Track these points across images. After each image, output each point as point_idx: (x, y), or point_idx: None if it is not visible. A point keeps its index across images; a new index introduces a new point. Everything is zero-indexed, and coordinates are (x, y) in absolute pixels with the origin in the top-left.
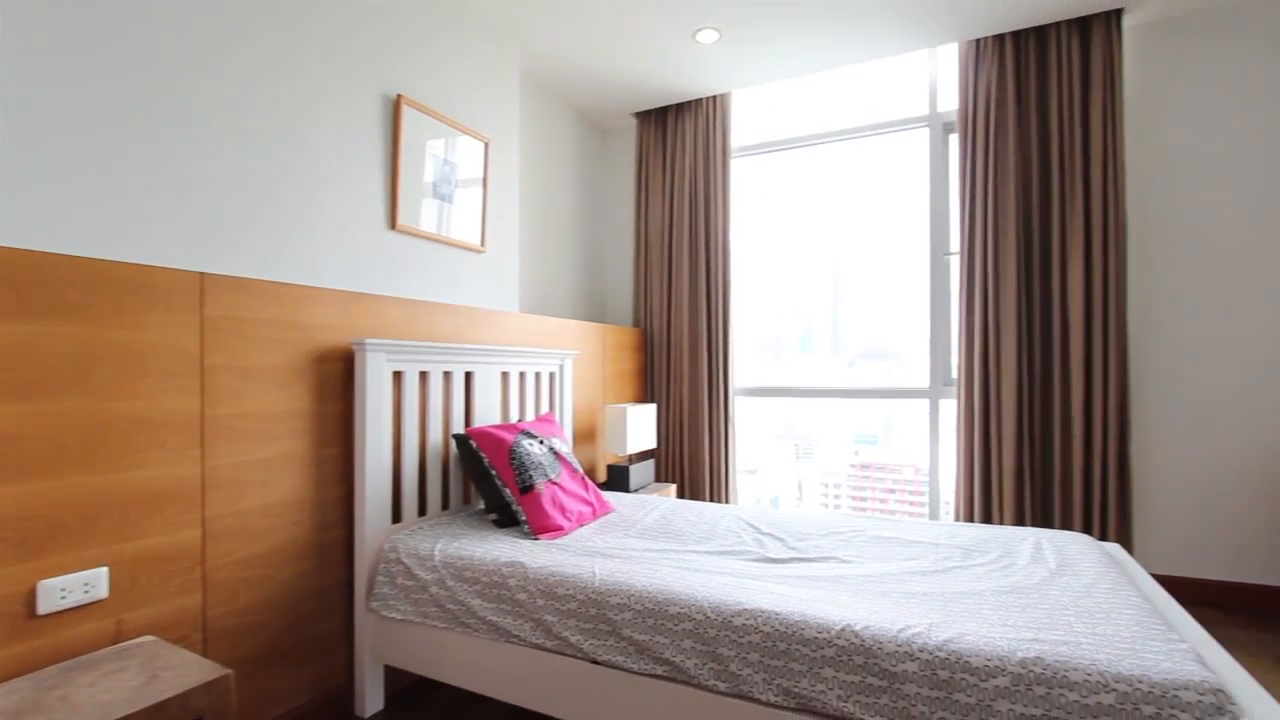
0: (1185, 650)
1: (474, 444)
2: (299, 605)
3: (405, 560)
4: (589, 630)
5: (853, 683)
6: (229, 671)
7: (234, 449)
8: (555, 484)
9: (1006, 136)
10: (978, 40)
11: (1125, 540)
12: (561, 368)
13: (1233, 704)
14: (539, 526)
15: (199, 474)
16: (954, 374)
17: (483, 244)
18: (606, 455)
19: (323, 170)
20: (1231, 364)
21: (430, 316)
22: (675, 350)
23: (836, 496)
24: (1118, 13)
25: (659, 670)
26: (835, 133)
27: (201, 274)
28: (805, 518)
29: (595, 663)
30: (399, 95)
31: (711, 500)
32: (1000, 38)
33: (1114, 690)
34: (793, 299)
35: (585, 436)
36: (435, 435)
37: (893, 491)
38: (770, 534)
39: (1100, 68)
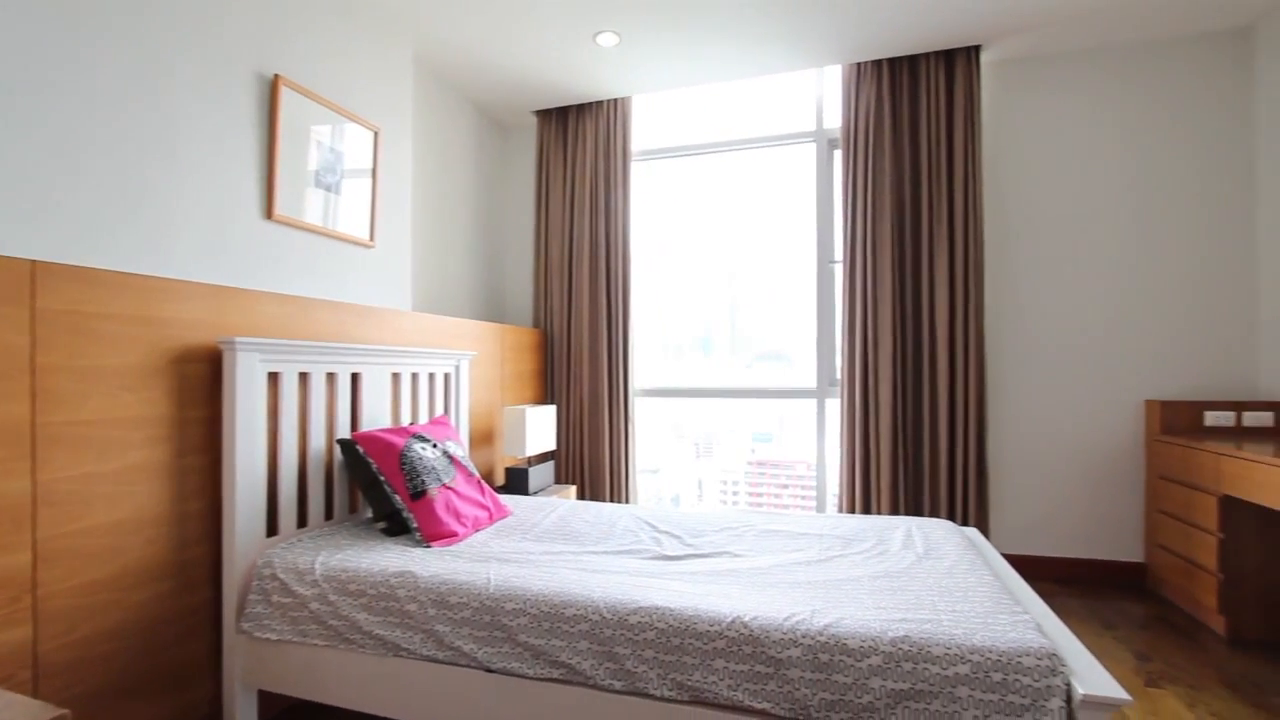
0: (1027, 621)
1: (360, 449)
2: (156, 631)
3: (282, 576)
4: (483, 638)
5: (742, 671)
6: (65, 712)
7: (73, 460)
8: (449, 489)
9: (884, 154)
10: (859, 64)
11: (983, 524)
12: (457, 369)
13: (1063, 666)
14: (432, 533)
15: (28, 489)
16: (838, 375)
17: (372, 238)
18: (505, 458)
19: (187, 152)
20: (1069, 368)
21: (313, 314)
22: (576, 351)
23: (735, 493)
24: (976, 49)
25: (555, 674)
26: (731, 142)
27: (33, 262)
28: (701, 515)
29: (489, 671)
30: (276, 75)
31: (612, 501)
32: (879, 63)
33: (969, 661)
34: (694, 302)
35: (483, 439)
36: (318, 441)
37: (786, 487)
38: (667, 532)
39: (962, 96)
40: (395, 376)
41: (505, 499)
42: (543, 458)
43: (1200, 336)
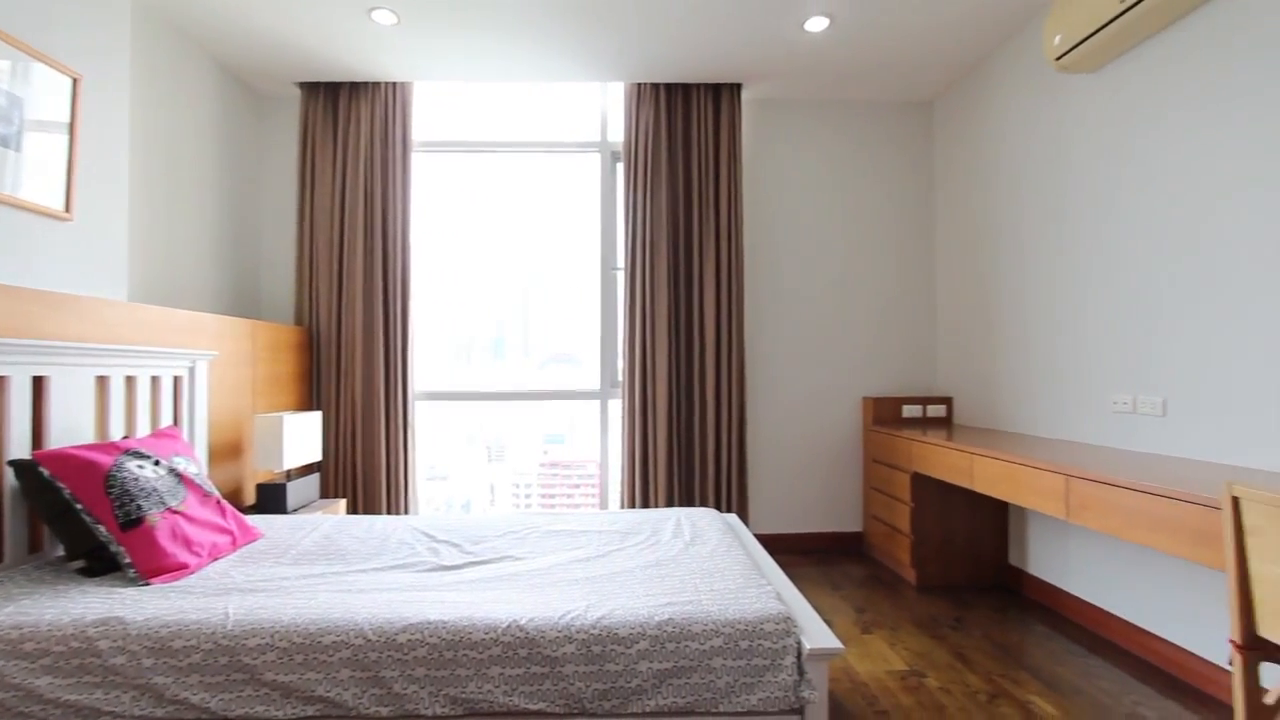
0: (770, 592)
1: (46, 472)
2: None
3: None
4: (218, 684)
5: (517, 675)
6: None
7: None
8: (177, 513)
9: (661, 171)
10: (639, 84)
11: (743, 510)
12: (192, 371)
13: (795, 627)
14: (151, 568)
15: None
16: (620, 377)
17: (68, 209)
18: (258, 473)
19: None
20: (807, 369)
21: None
22: (347, 351)
23: (527, 496)
24: (738, 87)
25: (310, 711)
26: (521, 144)
27: None
28: (483, 521)
29: None
30: None
31: (390, 513)
32: (657, 86)
33: (722, 634)
34: (485, 303)
35: (229, 452)
36: None
37: (578, 486)
38: (446, 541)
39: (727, 127)
40: (102, 381)
41: (256, 520)
42: (306, 470)
43: (898, 344)
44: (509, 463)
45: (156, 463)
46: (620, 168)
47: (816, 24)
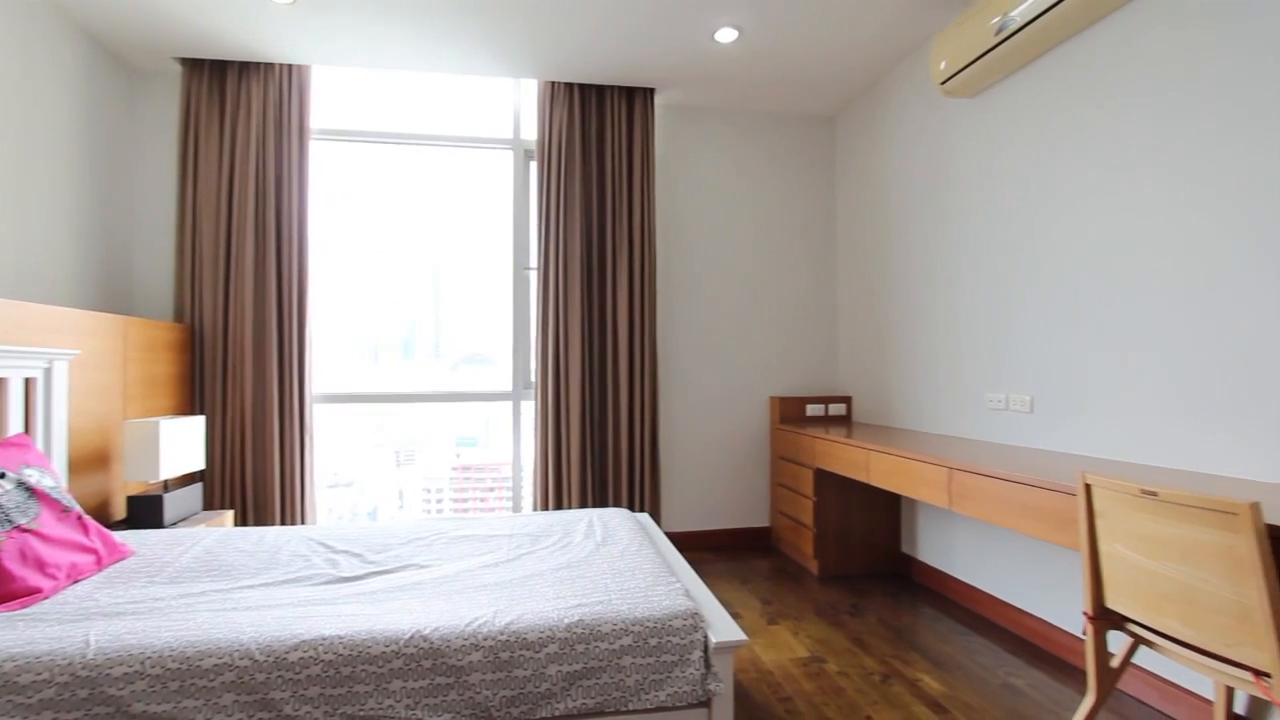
0: (679, 589)
1: None
2: None
3: None
4: None
5: (420, 688)
6: None
7: None
8: (28, 532)
9: (574, 171)
10: (553, 83)
11: (655, 509)
12: (48, 372)
13: (703, 621)
14: None
15: None
16: (533, 378)
17: None
18: (129, 485)
19: None
20: (718, 370)
21: None
22: (236, 351)
23: (439, 501)
24: (651, 91)
25: None
26: (432, 137)
27: None
28: (386, 528)
29: None
30: None
31: (285, 523)
32: (571, 86)
33: (632, 632)
34: (394, 302)
35: (95, 462)
36: None
37: (492, 490)
38: (346, 551)
39: (640, 130)
40: None
41: (126, 536)
42: (186, 480)
43: (803, 346)
44: (419, 467)
45: (2, 475)
46: (534, 166)
47: (726, 35)
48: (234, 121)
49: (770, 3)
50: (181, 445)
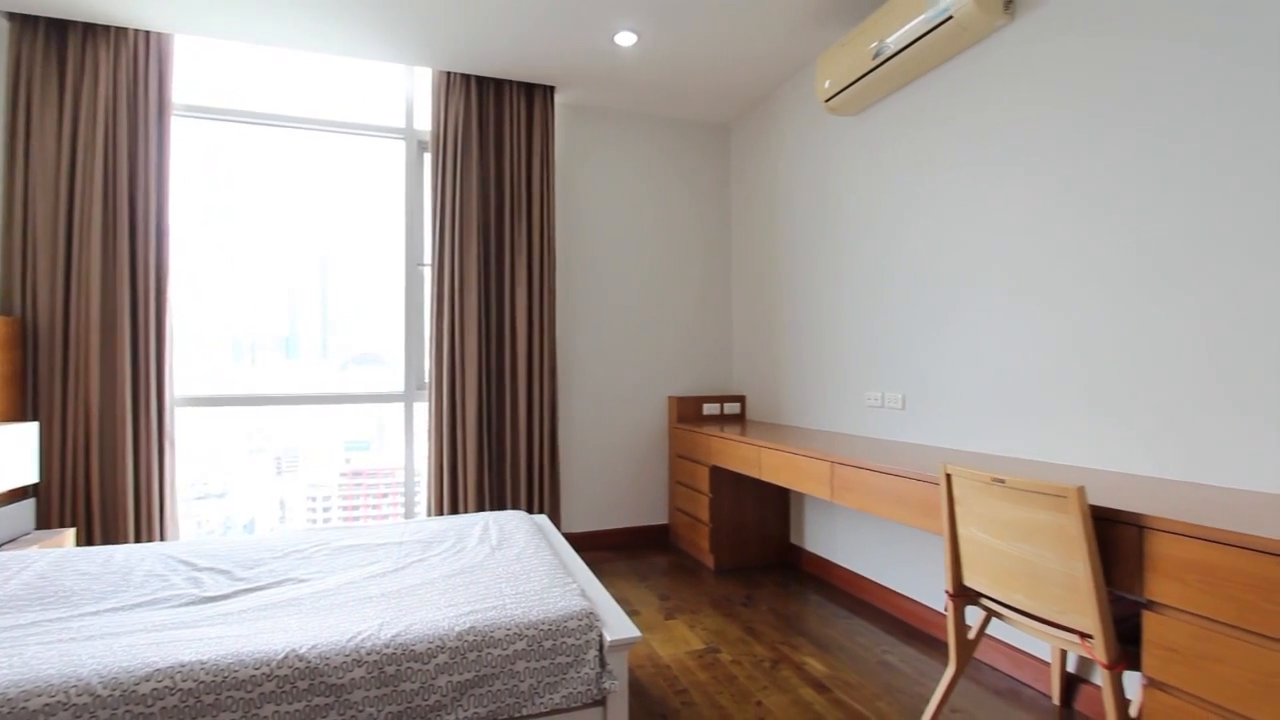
0: (575, 590)
1: None
2: None
3: None
4: None
5: (296, 711)
6: None
7: None
8: None
9: (471, 164)
10: (449, 73)
11: (555, 510)
12: None
13: (598, 620)
14: None
15: None
16: (427, 378)
17: None
18: None
19: None
20: (618, 369)
21: None
22: (79, 348)
23: (326, 509)
24: (552, 89)
25: None
26: (318, 121)
27: None
28: (260, 541)
29: None
30: None
31: (141, 540)
32: (468, 77)
33: (526, 636)
34: (275, 297)
35: None
36: None
37: (385, 496)
38: (211, 568)
39: (540, 127)
40: None
41: None
42: (15, 496)
43: (700, 347)
44: (303, 474)
45: None
46: (427, 158)
47: (626, 39)
48: (77, 90)
49: (667, 11)
50: (7, 456)
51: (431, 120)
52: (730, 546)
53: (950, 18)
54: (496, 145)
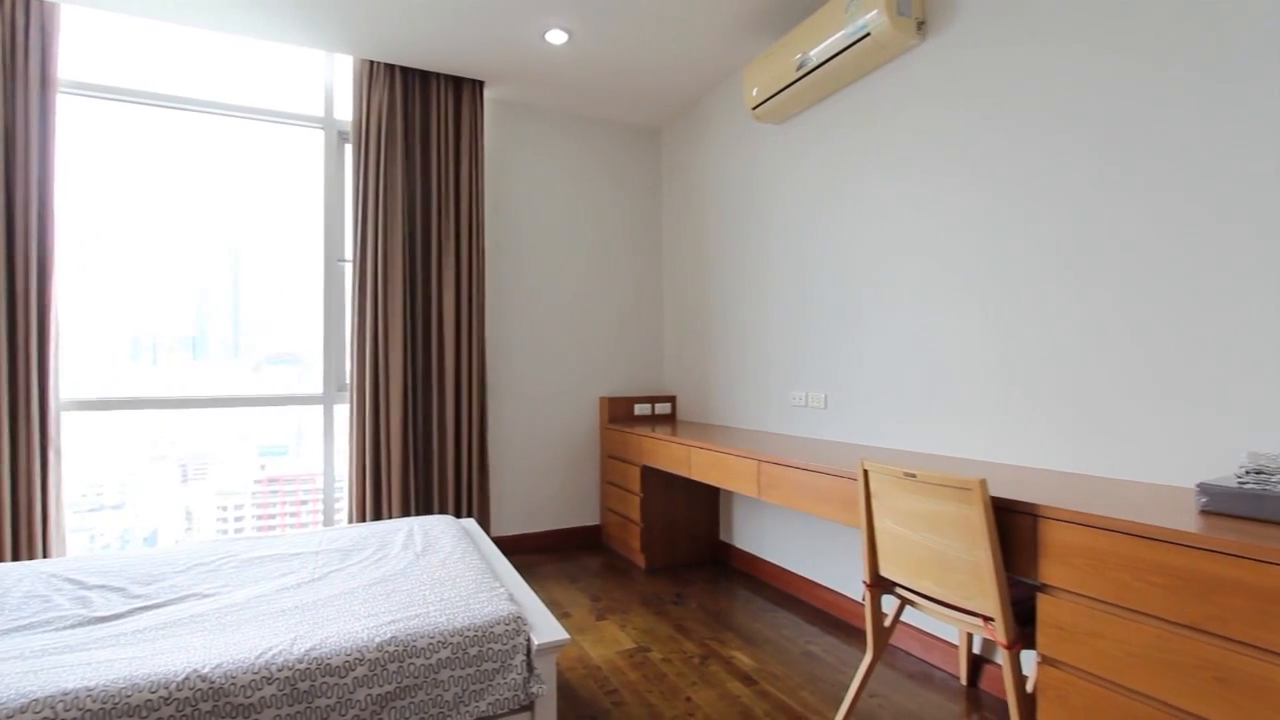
0: (502, 594)
1: None
2: None
3: None
4: None
5: None
6: None
7: None
8: None
9: (395, 158)
10: (372, 62)
11: (484, 514)
12: None
13: (526, 624)
14: None
15: None
16: (348, 379)
17: None
18: None
19: None
20: (549, 370)
21: None
22: None
23: (239, 519)
24: (481, 84)
25: None
26: (227, 106)
27: None
28: (161, 555)
29: None
30: None
31: (20, 558)
32: (392, 67)
33: (450, 644)
34: (181, 294)
35: None
36: None
37: (305, 503)
38: (102, 585)
39: (469, 122)
40: None
41: None
42: None
43: (632, 347)
44: (213, 482)
45: None
46: (348, 149)
47: (557, 37)
48: None
49: (598, 11)
50: None
51: (353, 110)
52: (661, 545)
53: (868, 34)
54: (423, 139)
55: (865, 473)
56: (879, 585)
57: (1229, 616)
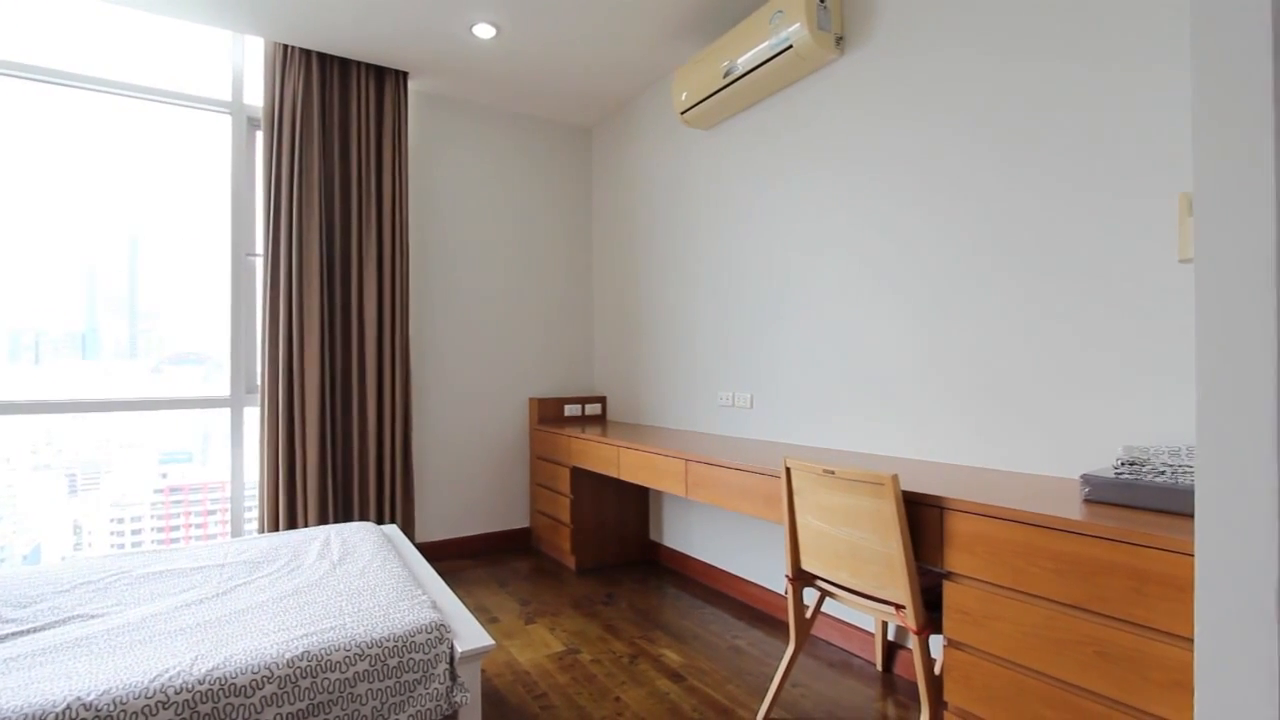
0: (425, 602)
1: None
2: None
3: None
4: None
5: None
6: None
7: None
8: None
9: (312, 148)
10: (285, 45)
11: (408, 519)
12: None
13: (449, 632)
14: None
15: None
16: (259, 380)
17: None
18: None
19: None
20: (476, 371)
21: None
22: None
23: (136, 532)
24: (405, 75)
25: None
26: (121, 85)
27: None
28: (39, 574)
29: None
30: None
31: None
32: (308, 53)
33: (368, 656)
34: (67, 288)
35: None
36: None
37: (213, 513)
38: None
39: (391, 112)
40: None
41: None
42: None
43: (561, 347)
44: (106, 492)
45: None
46: (259, 137)
47: (484, 31)
48: None
49: (526, 7)
50: None
51: (264, 96)
52: (591, 547)
53: (790, 46)
54: (342, 130)
55: (788, 470)
56: (801, 579)
57: (1108, 595)
